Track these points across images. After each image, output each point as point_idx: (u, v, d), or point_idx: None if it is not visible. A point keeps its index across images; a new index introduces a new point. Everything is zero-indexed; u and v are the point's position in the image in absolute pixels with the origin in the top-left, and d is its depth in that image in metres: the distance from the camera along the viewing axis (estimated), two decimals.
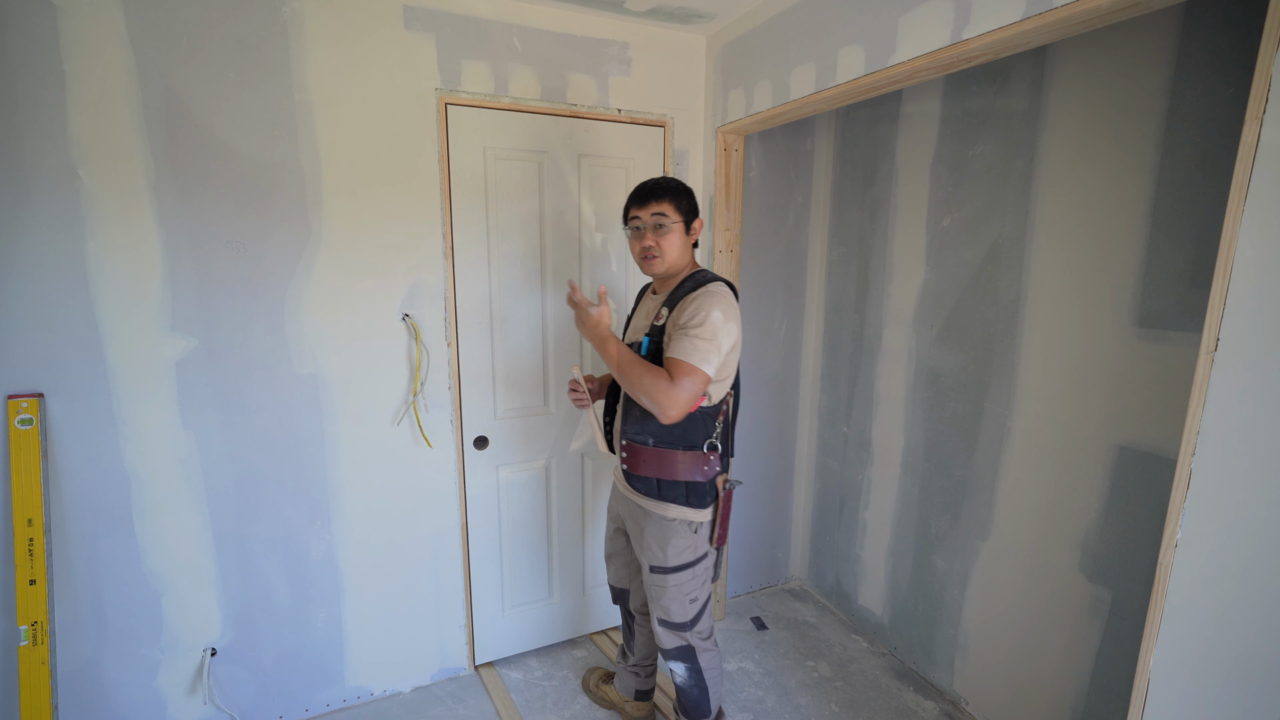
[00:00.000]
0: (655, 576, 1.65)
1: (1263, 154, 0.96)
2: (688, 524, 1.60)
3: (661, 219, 1.56)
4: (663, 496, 1.59)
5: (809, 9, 1.84)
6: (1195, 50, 1.48)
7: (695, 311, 1.47)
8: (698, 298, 1.51)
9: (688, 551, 1.62)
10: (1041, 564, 1.89)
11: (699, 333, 1.45)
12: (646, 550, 1.65)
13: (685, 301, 1.53)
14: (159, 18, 1.61)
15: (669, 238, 1.57)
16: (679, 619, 1.66)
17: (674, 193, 1.59)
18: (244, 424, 1.85)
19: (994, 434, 2.00)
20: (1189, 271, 1.52)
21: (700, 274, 1.61)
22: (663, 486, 1.59)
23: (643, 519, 1.65)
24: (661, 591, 1.65)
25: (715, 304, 1.49)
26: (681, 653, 1.70)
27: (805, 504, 2.89)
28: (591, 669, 2.24)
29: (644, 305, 1.75)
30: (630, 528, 1.72)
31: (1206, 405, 1.04)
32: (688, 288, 1.57)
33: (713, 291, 1.52)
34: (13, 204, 1.54)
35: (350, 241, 1.89)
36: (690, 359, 1.43)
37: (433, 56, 1.90)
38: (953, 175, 2.07)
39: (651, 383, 1.43)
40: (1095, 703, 1.78)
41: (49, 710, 1.66)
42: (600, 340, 1.54)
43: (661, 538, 1.61)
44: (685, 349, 1.44)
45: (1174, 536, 1.10)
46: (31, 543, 1.62)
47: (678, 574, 1.63)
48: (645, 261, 1.60)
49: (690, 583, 1.64)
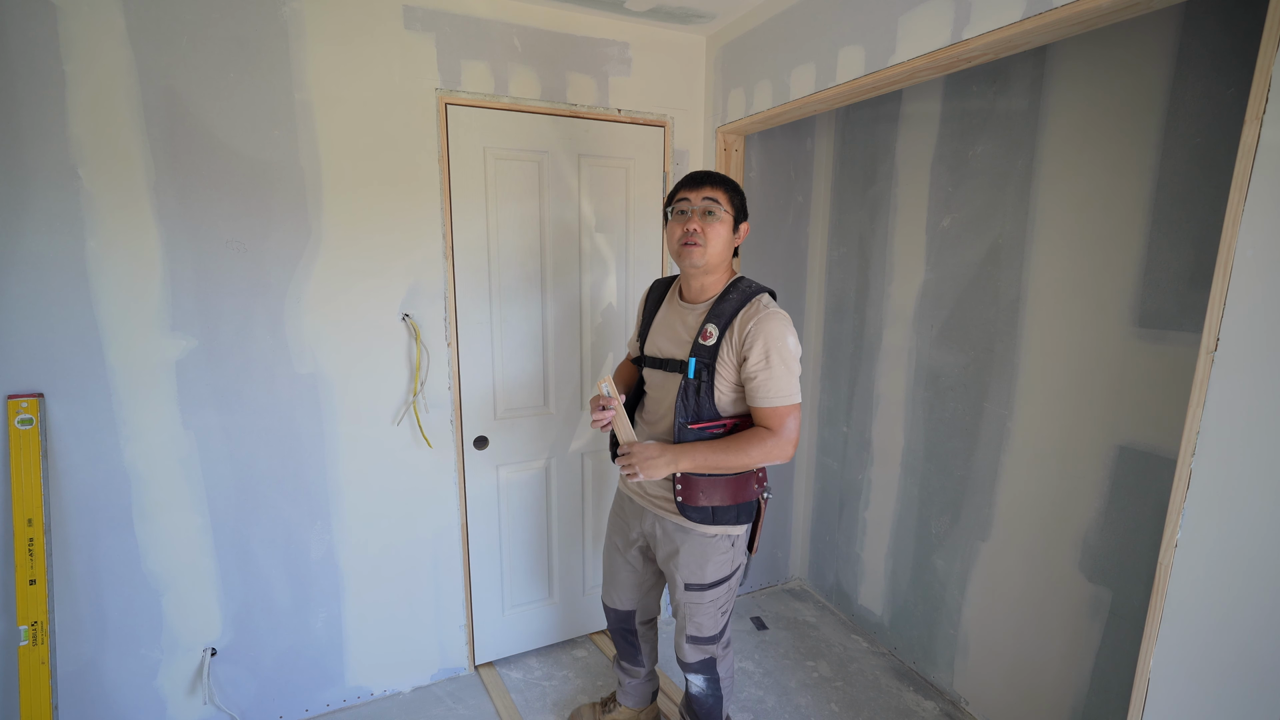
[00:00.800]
0: (692, 594, 1.59)
1: (1263, 154, 0.96)
2: (728, 538, 1.56)
3: (713, 204, 1.45)
4: (716, 521, 1.52)
5: (809, 9, 1.84)
6: (1195, 50, 1.48)
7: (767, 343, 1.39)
8: (759, 322, 1.41)
9: (725, 565, 1.58)
10: (1041, 564, 1.89)
11: (781, 369, 1.40)
12: (683, 569, 1.58)
13: (740, 321, 1.43)
14: (159, 18, 1.61)
15: (715, 227, 1.46)
16: (710, 632, 1.63)
17: (728, 184, 1.50)
18: (244, 424, 1.85)
19: (994, 434, 2.00)
20: (1189, 271, 1.52)
21: (744, 283, 1.51)
22: (717, 512, 1.52)
23: (679, 538, 1.57)
24: (697, 608, 1.60)
25: (783, 328, 1.41)
26: (704, 665, 1.66)
27: (805, 504, 2.89)
28: (578, 710, 2.06)
29: (672, 313, 1.60)
30: (660, 545, 1.62)
31: (1206, 405, 1.04)
32: (735, 302, 1.46)
33: (775, 313, 1.43)
34: (13, 204, 1.54)
35: (350, 241, 1.89)
36: (788, 400, 1.41)
37: (433, 56, 1.90)
38: (953, 175, 2.07)
39: (760, 454, 1.41)
40: (1095, 703, 1.78)
41: (49, 710, 1.66)
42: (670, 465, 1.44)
43: (701, 555, 1.55)
44: (779, 391, 1.40)
45: (1174, 536, 1.10)
46: (31, 543, 1.62)
47: (715, 589, 1.58)
48: (684, 249, 1.47)
49: (724, 595, 1.61)
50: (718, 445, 1.43)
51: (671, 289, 1.67)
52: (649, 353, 1.63)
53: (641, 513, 1.67)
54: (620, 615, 1.86)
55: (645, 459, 1.44)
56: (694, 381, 1.46)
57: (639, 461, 1.44)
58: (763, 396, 1.41)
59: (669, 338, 1.57)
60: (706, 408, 1.46)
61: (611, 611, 1.88)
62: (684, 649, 1.66)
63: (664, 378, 1.57)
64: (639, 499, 1.66)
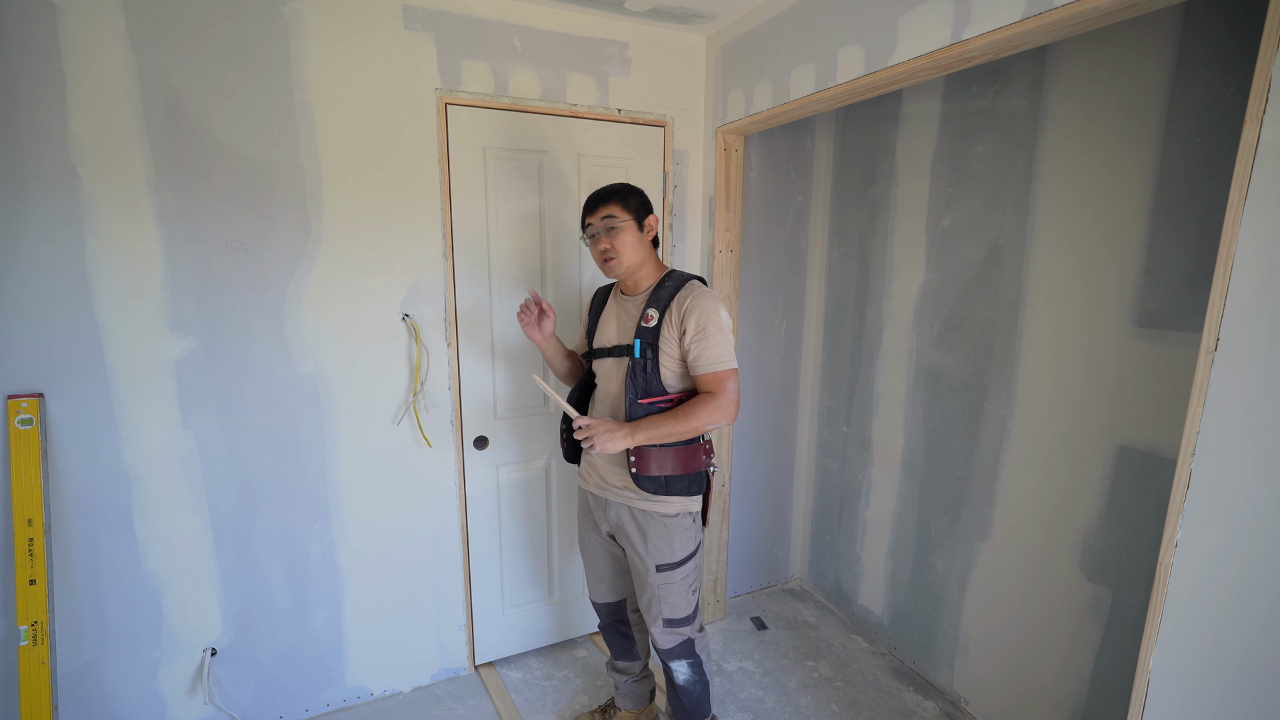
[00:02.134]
0: (663, 574, 1.67)
1: (1263, 154, 0.96)
2: (689, 514, 1.67)
3: (611, 220, 1.60)
4: (670, 491, 1.62)
5: (809, 9, 1.84)
6: (1195, 50, 1.48)
7: (701, 317, 1.53)
8: (694, 300, 1.55)
9: (690, 541, 1.68)
10: (1041, 564, 1.89)
11: (718, 337, 1.53)
12: (652, 551, 1.66)
13: (677, 303, 1.57)
14: (159, 17, 1.61)
15: (622, 237, 1.60)
16: (684, 612, 1.70)
17: (619, 194, 1.63)
18: (244, 424, 1.85)
19: (994, 434, 2.00)
20: (1189, 271, 1.52)
21: (676, 274, 1.65)
22: (670, 482, 1.62)
23: (645, 522, 1.66)
24: (669, 589, 1.67)
25: (715, 304, 1.55)
26: (684, 648, 1.72)
27: (805, 504, 2.89)
28: (578, 718, 2.07)
29: (616, 308, 1.72)
30: (629, 534, 1.69)
31: (1206, 405, 1.04)
32: (670, 288, 1.60)
33: (706, 291, 1.57)
34: (13, 204, 1.54)
35: (350, 241, 1.89)
36: (725, 364, 1.54)
37: (433, 56, 1.90)
38: (953, 175, 2.07)
39: (707, 415, 1.53)
40: (1095, 703, 1.78)
41: (49, 710, 1.66)
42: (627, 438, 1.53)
43: (667, 535, 1.65)
44: (716, 358, 1.53)
45: (1174, 536, 1.10)
46: (31, 543, 1.62)
47: (684, 566, 1.68)
48: (606, 264, 1.63)
49: (693, 573, 1.70)
50: (668, 415, 1.55)
51: (614, 290, 1.80)
52: (597, 345, 1.74)
53: (606, 505, 1.74)
54: (611, 608, 1.92)
55: (604, 431, 1.53)
56: (640, 360, 1.58)
57: (599, 434, 1.53)
58: (703, 364, 1.53)
59: (615, 328, 1.70)
60: (654, 383, 1.58)
61: (602, 607, 1.92)
62: (660, 637, 1.72)
63: (613, 364, 1.68)
64: (601, 492, 1.74)
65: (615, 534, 1.76)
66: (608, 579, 1.88)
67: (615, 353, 1.66)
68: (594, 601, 1.94)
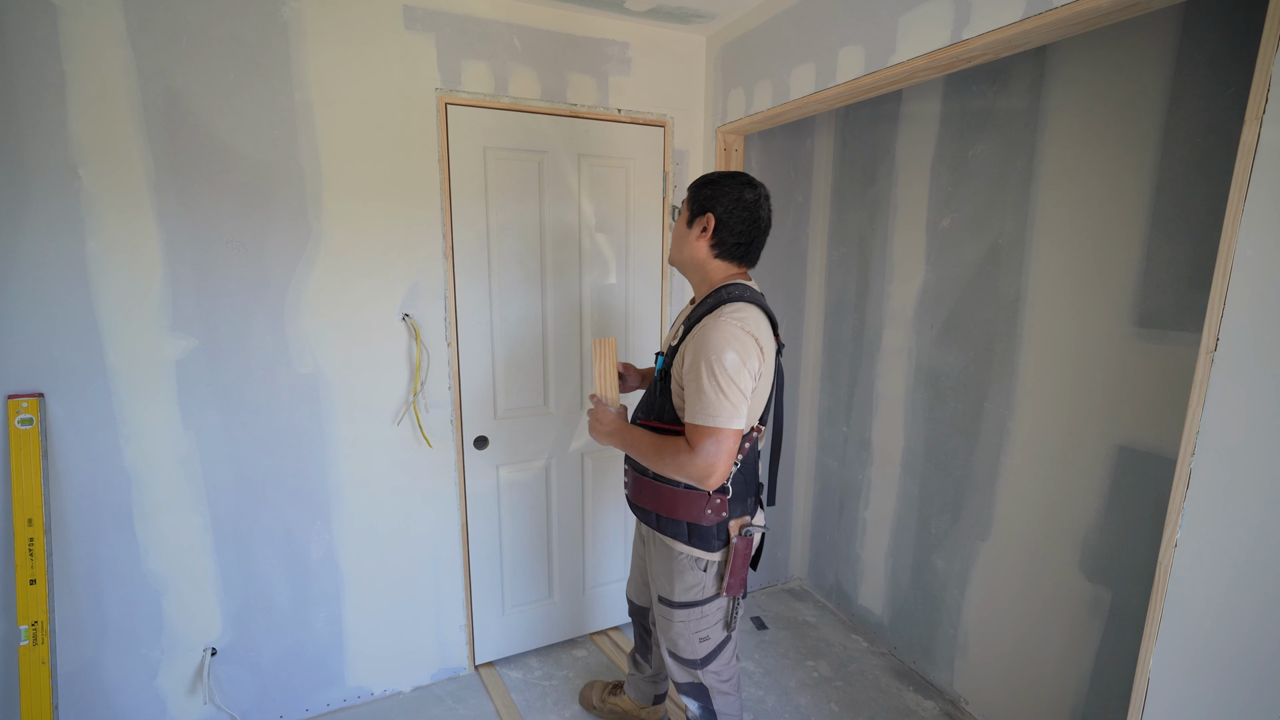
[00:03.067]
0: (661, 608, 1.55)
1: (1263, 154, 0.96)
2: (695, 560, 1.45)
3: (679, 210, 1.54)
4: (663, 530, 1.46)
5: (809, 9, 1.84)
6: (1195, 50, 1.48)
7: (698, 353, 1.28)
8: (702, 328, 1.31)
9: (696, 590, 1.47)
10: (1041, 564, 1.89)
11: (711, 385, 1.26)
12: (655, 578, 1.56)
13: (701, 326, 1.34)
14: (159, 18, 1.61)
15: (676, 225, 1.52)
16: (687, 654, 1.54)
17: (695, 182, 1.48)
18: (244, 424, 1.85)
19: (994, 434, 2.00)
20: (1189, 271, 1.52)
21: (731, 288, 1.40)
22: (662, 521, 1.46)
23: (652, 543, 1.55)
24: (669, 625, 1.53)
25: (726, 343, 1.27)
26: (694, 690, 1.57)
27: (805, 504, 2.89)
28: (590, 684, 2.13)
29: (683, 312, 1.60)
30: (646, 551, 1.61)
31: (1206, 405, 1.04)
32: (709, 304, 1.38)
33: (724, 321, 1.29)
34: (13, 204, 1.54)
35: (350, 241, 1.89)
36: (706, 419, 1.26)
37: (433, 56, 1.90)
38: (953, 175, 2.07)
39: (672, 463, 1.31)
40: (1095, 703, 1.78)
41: (49, 710, 1.66)
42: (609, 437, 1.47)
43: (668, 570, 1.49)
44: (699, 408, 1.27)
45: (1174, 536, 1.10)
46: (31, 543, 1.62)
47: (684, 610, 1.50)
48: None
49: (700, 621, 1.50)
50: (647, 437, 1.41)
51: None
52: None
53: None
54: (637, 609, 1.89)
55: (598, 418, 1.49)
56: (658, 381, 1.45)
57: (593, 419, 1.50)
58: (686, 410, 1.30)
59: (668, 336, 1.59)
60: (664, 408, 1.41)
61: (631, 603, 1.90)
62: (668, 664, 1.60)
63: None
64: None
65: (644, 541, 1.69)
66: (636, 584, 1.84)
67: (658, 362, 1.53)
68: (627, 595, 1.91)
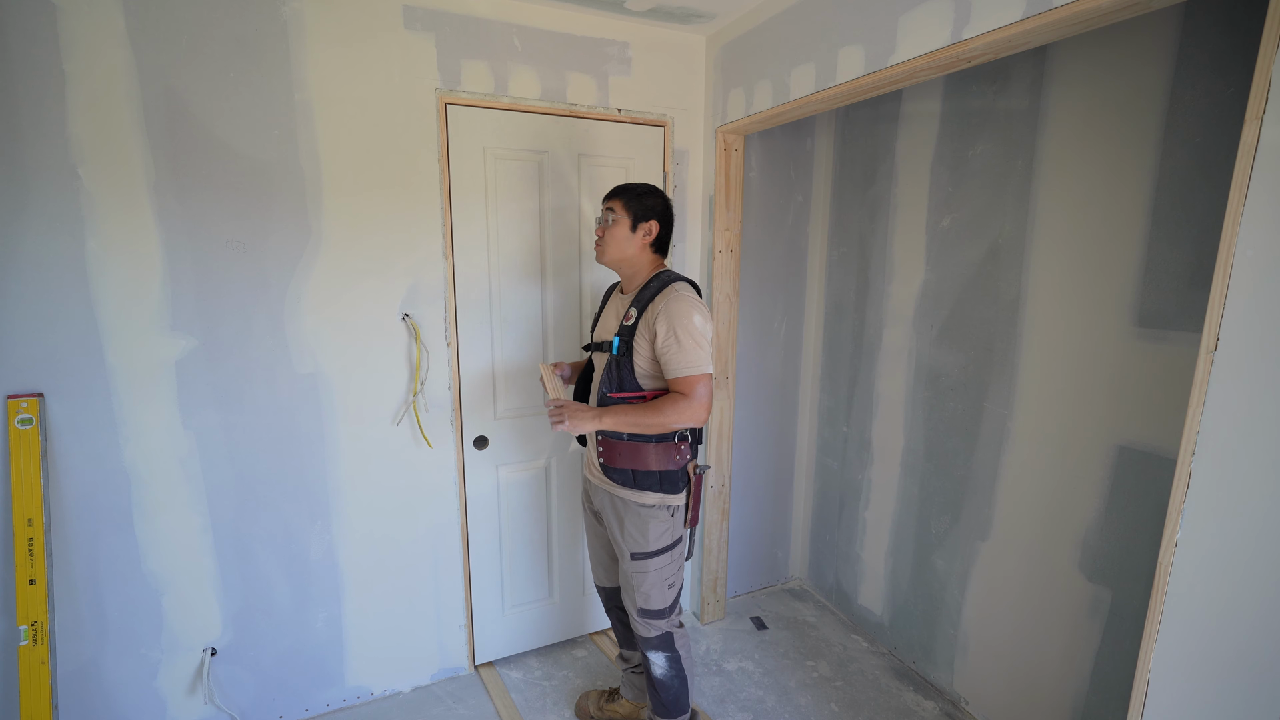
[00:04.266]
0: (637, 563, 1.71)
1: (1263, 154, 0.96)
2: (666, 508, 1.69)
3: (610, 213, 1.68)
4: (638, 485, 1.67)
5: (809, 9, 1.84)
6: (1195, 50, 1.48)
7: (672, 322, 1.55)
8: (667, 305, 1.57)
9: (667, 534, 1.70)
10: (1041, 564, 1.89)
11: (688, 342, 1.55)
12: (628, 538, 1.71)
13: (655, 305, 1.60)
14: (159, 18, 1.61)
15: (612, 230, 1.67)
16: (658, 605, 1.73)
17: (626, 192, 1.69)
18: (244, 424, 1.85)
19: (994, 434, 2.00)
20: (1189, 271, 1.52)
21: (664, 274, 1.67)
22: (638, 476, 1.66)
23: (622, 509, 1.70)
24: (643, 578, 1.71)
25: (687, 308, 1.56)
26: (662, 641, 1.75)
27: (805, 504, 2.89)
28: (585, 695, 2.15)
29: (613, 304, 1.79)
30: (609, 519, 1.75)
31: (1206, 405, 1.04)
32: (654, 289, 1.64)
33: (680, 295, 1.59)
34: (13, 204, 1.54)
35: (350, 241, 1.89)
36: (695, 369, 1.56)
37: (433, 56, 1.90)
38: (953, 175, 2.07)
39: (674, 414, 1.56)
40: (1095, 703, 1.78)
41: (49, 710, 1.66)
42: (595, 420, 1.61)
43: (641, 524, 1.68)
44: (687, 362, 1.56)
45: (1174, 536, 1.10)
46: (31, 543, 1.62)
47: (658, 558, 1.70)
48: (595, 248, 1.72)
49: (669, 566, 1.72)
50: (637, 406, 1.61)
51: (617, 286, 1.85)
52: (595, 339, 1.82)
53: (594, 489, 1.81)
54: (608, 592, 1.97)
55: (575, 410, 1.62)
56: (617, 356, 1.65)
57: (569, 413, 1.62)
58: (674, 368, 1.57)
59: (606, 325, 1.78)
60: (628, 380, 1.64)
61: (601, 590, 1.99)
62: (638, 625, 1.75)
63: (600, 357, 1.76)
64: (592, 478, 1.81)
65: (602, 516, 1.81)
66: (604, 563, 1.94)
67: (604, 347, 1.72)
68: (596, 586, 2.00)
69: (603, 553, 1.93)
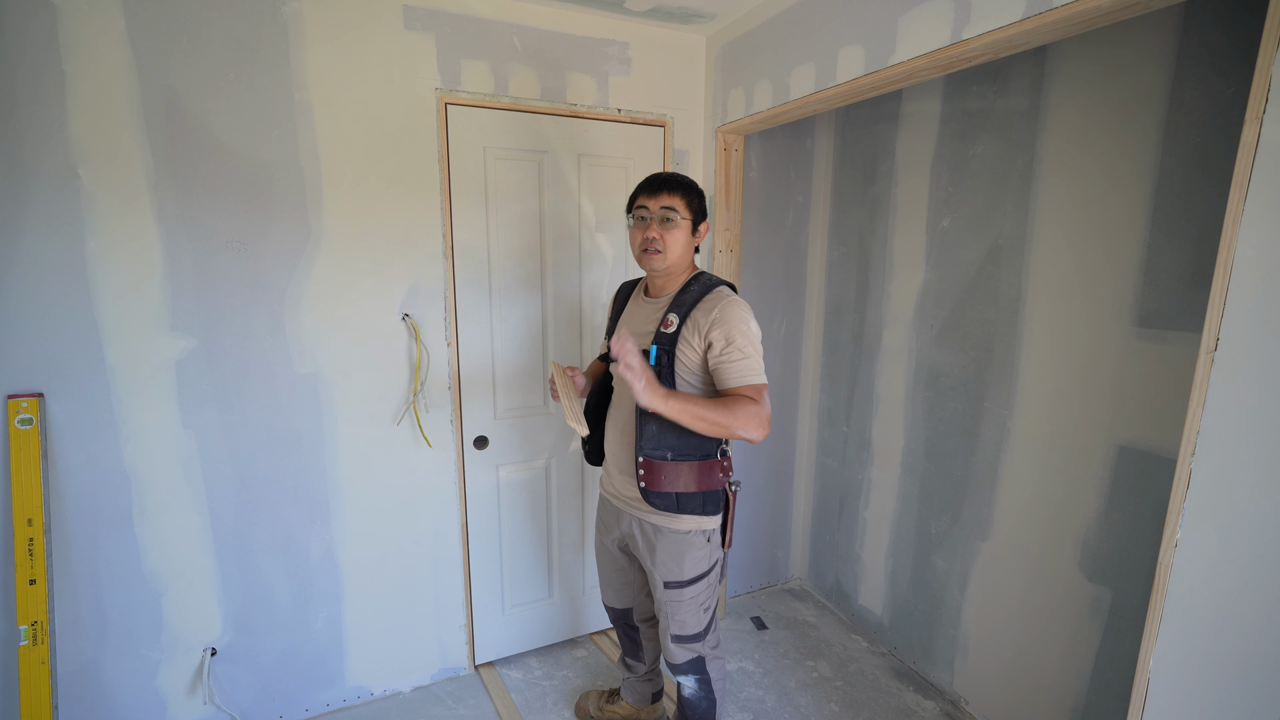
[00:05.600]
0: (671, 592, 1.60)
1: (1263, 154, 0.96)
2: (702, 534, 1.57)
3: (670, 213, 1.50)
4: (681, 509, 1.54)
5: (809, 9, 1.84)
6: (1195, 50, 1.48)
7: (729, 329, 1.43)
8: (722, 310, 1.45)
9: (703, 561, 1.59)
10: (1042, 564, 1.89)
11: (749, 350, 1.44)
12: (661, 567, 1.59)
13: (702, 310, 1.46)
14: (159, 18, 1.61)
15: (674, 234, 1.50)
16: (693, 630, 1.63)
17: (686, 189, 1.53)
18: (244, 424, 1.85)
19: (994, 434, 2.00)
20: (1189, 271, 1.52)
21: (704, 277, 1.55)
22: (681, 500, 1.53)
23: (654, 535, 1.59)
24: (678, 606, 1.61)
25: (744, 314, 1.46)
26: (693, 665, 1.66)
27: (805, 504, 2.89)
28: (584, 695, 2.13)
29: (637, 310, 1.65)
30: (639, 545, 1.64)
31: (1206, 405, 1.04)
32: (696, 293, 1.51)
33: (735, 300, 1.48)
34: (13, 204, 1.54)
35: (350, 241, 1.89)
36: (759, 378, 1.44)
37: (433, 56, 1.90)
38: (953, 175, 2.07)
39: (744, 418, 1.38)
40: (1095, 703, 1.78)
41: (49, 710, 1.66)
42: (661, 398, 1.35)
43: (677, 553, 1.57)
44: (749, 370, 1.43)
45: (1174, 536, 1.10)
46: (31, 543, 1.62)
47: (694, 585, 1.59)
48: (645, 255, 1.53)
49: (705, 592, 1.62)
50: (705, 400, 1.40)
51: (638, 288, 1.70)
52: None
53: (619, 514, 1.68)
54: (618, 612, 1.90)
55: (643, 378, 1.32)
56: (654, 368, 1.47)
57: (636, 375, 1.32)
58: (734, 377, 1.43)
59: (633, 331, 1.60)
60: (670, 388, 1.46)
61: (610, 609, 1.91)
62: (670, 650, 1.66)
63: None
64: (615, 500, 1.68)
65: (627, 543, 1.71)
66: (615, 585, 1.85)
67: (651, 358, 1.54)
68: (604, 603, 1.92)
69: (614, 575, 1.83)
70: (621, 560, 1.79)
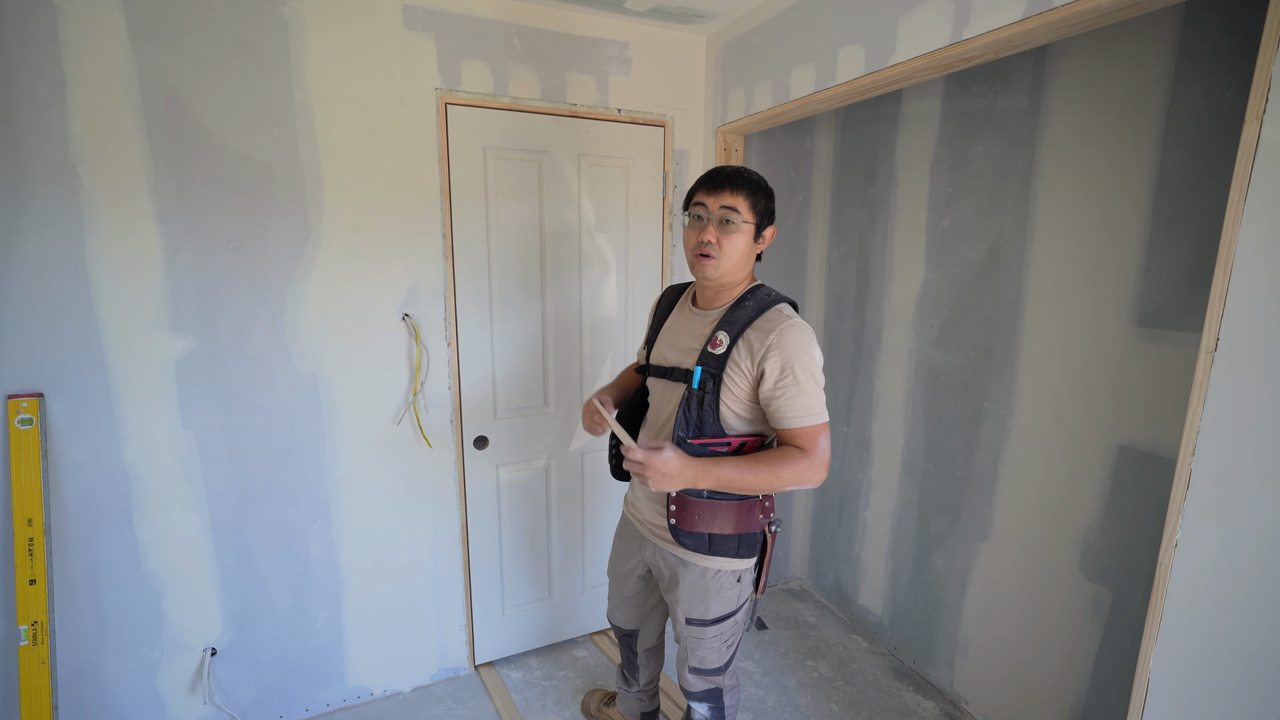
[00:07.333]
0: (693, 629, 1.49)
1: (1263, 154, 0.96)
2: (732, 574, 1.44)
3: (730, 214, 1.31)
4: (713, 551, 1.39)
5: (809, 9, 1.84)
6: (1195, 50, 1.48)
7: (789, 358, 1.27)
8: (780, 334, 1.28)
9: (731, 601, 1.46)
10: (1041, 564, 1.89)
11: (808, 384, 1.27)
12: (684, 602, 1.47)
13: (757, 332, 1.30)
14: (159, 18, 1.61)
15: (733, 239, 1.32)
16: (713, 665, 1.53)
17: (753, 187, 1.34)
18: (244, 424, 1.85)
19: (994, 434, 2.00)
20: (1189, 271, 1.52)
21: (762, 291, 1.38)
22: (714, 541, 1.39)
23: (680, 570, 1.46)
24: (699, 643, 1.50)
25: (807, 340, 1.29)
26: (709, 694, 1.59)
27: (805, 504, 2.89)
28: (590, 692, 2.14)
29: (683, 320, 1.48)
30: (663, 577, 1.53)
31: (1206, 405, 1.04)
32: (751, 309, 1.33)
33: (797, 324, 1.30)
34: (13, 204, 1.54)
35: (350, 241, 1.89)
36: (819, 417, 1.28)
37: (433, 56, 1.90)
38: (953, 175, 2.07)
39: (794, 473, 1.26)
40: (1095, 703, 1.78)
41: (49, 710, 1.66)
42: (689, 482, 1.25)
43: (703, 591, 1.44)
44: (808, 409, 1.28)
45: (1174, 536, 1.10)
46: (31, 543, 1.62)
47: (718, 625, 1.48)
48: (698, 260, 1.35)
49: (730, 630, 1.50)
50: (745, 461, 1.26)
51: (685, 295, 1.54)
52: (654, 361, 1.50)
53: (642, 540, 1.58)
54: (623, 633, 1.82)
55: (661, 472, 1.22)
56: (698, 392, 1.33)
57: (654, 473, 1.22)
58: (791, 415, 1.27)
59: (675, 346, 1.45)
60: (710, 422, 1.33)
61: (619, 629, 1.82)
62: (687, 678, 1.58)
63: (666, 387, 1.44)
64: (638, 525, 1.57)
65: (650, 569, 1.60)
66: (625, 608, 1.76)
67: (673, 376, 1.40)
68: (609, 618, 1.83)
69: (626, 597, 1.72)
70: (638, 585, 1.69)
